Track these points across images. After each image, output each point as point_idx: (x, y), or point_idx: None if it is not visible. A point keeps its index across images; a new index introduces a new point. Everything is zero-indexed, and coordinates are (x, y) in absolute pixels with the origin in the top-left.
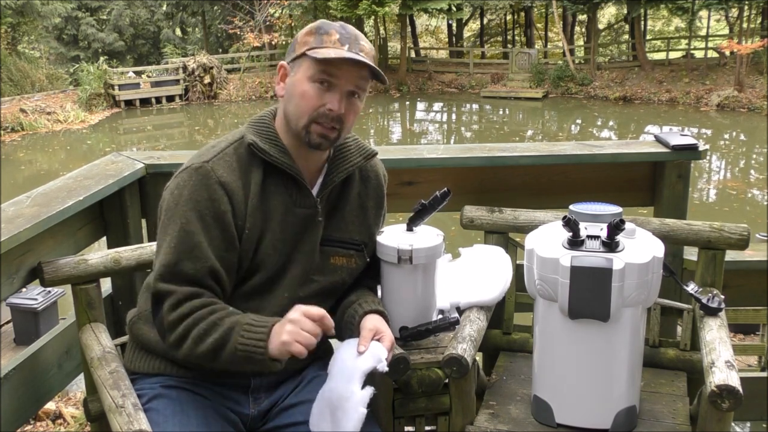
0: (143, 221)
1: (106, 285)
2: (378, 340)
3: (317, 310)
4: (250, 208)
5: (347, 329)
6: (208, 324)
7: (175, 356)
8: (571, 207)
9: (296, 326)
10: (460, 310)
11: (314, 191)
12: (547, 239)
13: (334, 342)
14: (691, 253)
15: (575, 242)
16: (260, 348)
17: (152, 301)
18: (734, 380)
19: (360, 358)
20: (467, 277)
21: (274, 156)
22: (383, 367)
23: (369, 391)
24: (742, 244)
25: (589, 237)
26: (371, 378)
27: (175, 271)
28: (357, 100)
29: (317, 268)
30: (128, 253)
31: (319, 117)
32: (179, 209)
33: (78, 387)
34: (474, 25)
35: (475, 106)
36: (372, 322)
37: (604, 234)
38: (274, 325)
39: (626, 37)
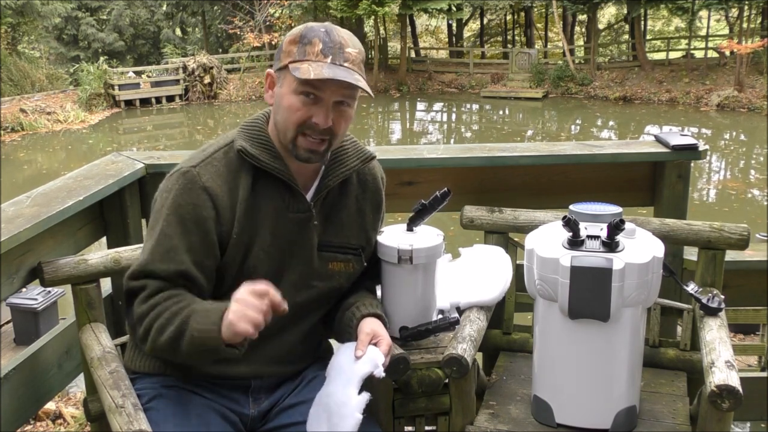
0: (143, 221)
1: (106, 285)
2: (375, 344)
3: (261, 286)
4: (239, 213)
5: (345, 332)
6: (170, 314)
7: (144, 349)
8: (571, 207)
9: (240, 305)
10: (460, 310)
11: (309, 195)
12: (547, 239)
13: (333, 343)
14: (691, 253)
15: (575, 242)
16: (213, 333)
17: (125, 298)
18: (734, 380)
19: (357, 363)
20: (467, 277)
21: (264, 161)
22: (380, 372)
23: (365, 396)
24: (742, 244)
25: (589, 237)
26: (369, 381)
27: (147, 271)
28: (347, 108)
29: (316, 274)
30: (128, 253)
31: (306, 129)
32: (162, 212)
33: (78, 387)
34: (474, 25)
35: (475, 106)
36: (369, 325)
37: (604, 234)
38: (226, 309)
39: (626, 37)
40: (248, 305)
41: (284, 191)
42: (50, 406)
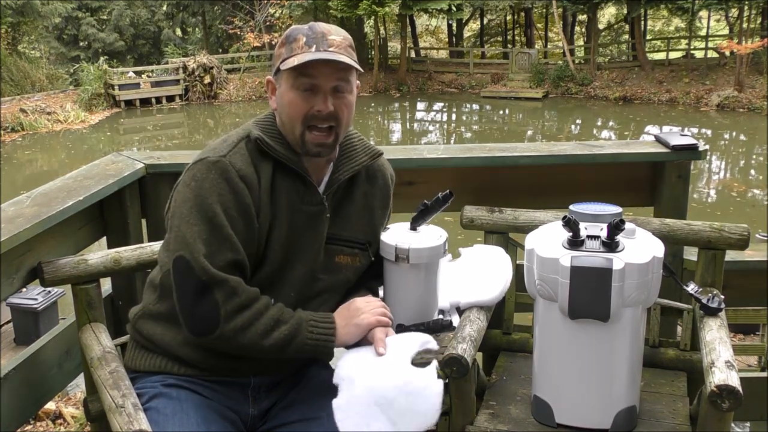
0: (143, 221)
1: (106, 285)
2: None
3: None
4: (262, 201)
5: None
6: (271, 320)
7: (225, 345)
8: (571, 207)
9: (367, 309)
10: (460, 310)
11: (320, 189)
12: (547, 239)
13: None
14: (691, 253)
15: (575, 242)
16: (330, 341)
17: (197, 287)
18: (734, 380)
19: (400, 350)
20: (467, 277)
21: (280, 152)
22: (434, 344)
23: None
24: (742, 244)
25: (589, 237)
26: None
27: (218, 262)
28: (345, 94)
29: (322, 267)
30: (128, 253)
31: (311, 120)
32: (202, 201)
33: (78, 387)
34: (474, 25)
35: (475, 106)
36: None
37: (604, 234)
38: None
39: (626, 37)
40: (374, 305)
41: (298, 184)
42: (50, 406)
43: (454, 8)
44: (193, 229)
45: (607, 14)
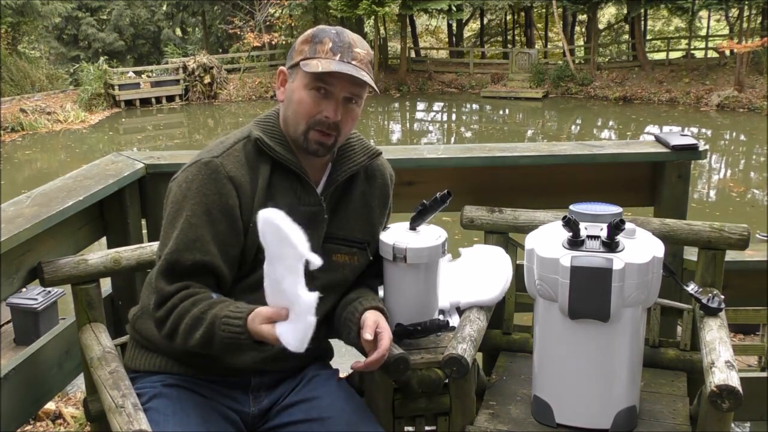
0: (143, 221)
1: (106, 285)
2: (377, 335)
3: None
4: (257, 203)
5: (346, 326)
6: (192, 319)
7: (174, 348)
8: (571, 207)
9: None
10: (460, 310)
11: (318, 190)
12: (547, 239)
13: (333, 342)
14: (691, 253)
15: (575, 242)
16: (243, 339)
17: (153, 291)
18: (734, 380)
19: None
20: (467, 277)
21: (279, 153)
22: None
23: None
24: (742, 244)
25: (589, 237)
26: (370, 382)
27: (174, 262)
28: (354, 106)
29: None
30: (128, 253)
31: (316, 124)
32: (187, 202)
33: (78, 387)
34: (474, 25)
35: (475, 106)
36: (373, 317)
37: (604, 234)
38: (249, 314)
39: (626, 37)
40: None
41: (296, 185)
42: (50, 406)
43: (454, 8)
44: (173, 232)
45: (607, 14)
